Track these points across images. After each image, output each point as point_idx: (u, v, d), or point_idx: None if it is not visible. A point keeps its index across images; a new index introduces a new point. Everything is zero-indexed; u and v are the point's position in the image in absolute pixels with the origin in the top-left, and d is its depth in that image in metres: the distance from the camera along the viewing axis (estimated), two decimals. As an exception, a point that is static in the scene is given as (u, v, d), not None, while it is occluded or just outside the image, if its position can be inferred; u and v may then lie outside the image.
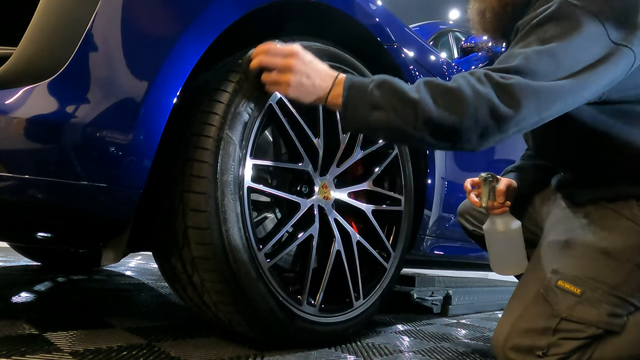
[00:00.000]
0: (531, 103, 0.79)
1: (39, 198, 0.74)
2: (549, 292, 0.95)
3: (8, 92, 0.70)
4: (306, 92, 0.90)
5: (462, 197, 1.81)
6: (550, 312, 0.94)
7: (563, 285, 0.94)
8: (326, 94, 0.89)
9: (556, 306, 0.93)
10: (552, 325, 0.92)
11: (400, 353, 1.13)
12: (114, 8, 0.77)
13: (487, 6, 1.06)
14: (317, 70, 0.90)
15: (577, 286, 0.93)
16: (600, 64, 0.82)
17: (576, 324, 0.91)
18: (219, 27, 0.91)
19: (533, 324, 0.95)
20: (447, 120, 0.79)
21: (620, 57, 0.83)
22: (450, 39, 2.66)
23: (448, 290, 2.00)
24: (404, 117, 0.81)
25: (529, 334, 0.94)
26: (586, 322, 0.91)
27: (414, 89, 0.83)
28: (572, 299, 0.92)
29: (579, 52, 0.82)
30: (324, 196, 1.17)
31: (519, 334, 0.95)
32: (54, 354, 0.82)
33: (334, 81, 0.89)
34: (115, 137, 0.77)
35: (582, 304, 0.92)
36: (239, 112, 0.95)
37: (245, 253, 0.93)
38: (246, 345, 1.02)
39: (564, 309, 0.92)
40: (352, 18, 1.25)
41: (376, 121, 0.84)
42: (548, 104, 0.81)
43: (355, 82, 0.88)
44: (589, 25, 0.82)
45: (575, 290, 0.92)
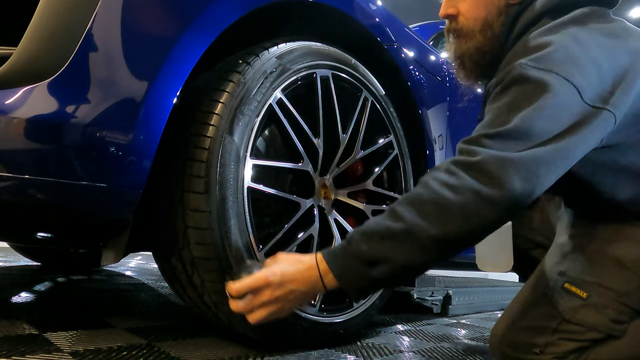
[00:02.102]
0: (514, 175, 0.73)
1: (39, 198, 0.74)
2: (554, 293, 0.94)
3: (8, 92, 0.70)
4: (302, 300, 0.84)
5: (462, 197, 1.80)
6: (552, 312, 0.93)
7: (569, 288, 0.92)
8: (321, 288, 0.81)
9: (559, 307, 0.92)
10: (552, 325, 0.92)
11: (400, 353, 1.12)
12: (114, 8, 0.77)
13: (464, 53, 1.01)
14: (295, 280, 0.80)
15: (584, 290, 0.91)
16: (578, 128, 0.77)
17: (577, 326, 0.90)
18: (219, 27, 0.91)
19: (533, 322, 0.94)
20: (451, 231, 0.73)
21: (599, 121, 0.78)
22: (450, 39, 2.66)
23: (448, 290, 2.00)
24: (407, 254, 0.75)
25: (528, 332, 0.94)
26: (588, 326, 0.90)
27: (392, 218, 0.77)
28: (577, 301, 0.91)
29: (553, 117, 0.77)
30: (324, 196, 1.17)
31: (517, 331, 0.95)
32: (54, 354, 0.82)
33: (318, 272, 0.80)
34: (115, 137, 0.77)
35: (587, 308, 0.90)
36: (238, 112, 0.95)
37: (245, 253, 0.93)
38: (246, 345, 1.02)
39: (567, 311, 0.91)
40: (352, 18, 1.25)
41: (382, 275, 0.76)
42: (536, 172, 0.75)
43: (335, 254, 0.80)
44: (562, 89, 0.77)
45: (582, 294, 0.91)
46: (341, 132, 1.20)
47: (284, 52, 1.07)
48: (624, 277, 0.90)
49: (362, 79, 1.28)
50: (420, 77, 1.54)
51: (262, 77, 1.00)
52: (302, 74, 1.10)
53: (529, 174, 0.74)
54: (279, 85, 1.04)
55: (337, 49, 1.23)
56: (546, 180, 0.77)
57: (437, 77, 1.71)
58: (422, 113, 1.53)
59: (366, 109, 1.29)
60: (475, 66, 1.01)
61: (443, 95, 1.72)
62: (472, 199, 0.73)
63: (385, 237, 0.76)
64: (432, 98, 1.62)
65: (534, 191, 0.76)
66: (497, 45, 0.98)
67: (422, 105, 1.52)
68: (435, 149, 1.59)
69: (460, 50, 1.02)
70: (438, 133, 1.63)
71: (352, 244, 0.78)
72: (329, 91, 1.17)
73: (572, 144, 0.77)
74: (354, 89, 1.27)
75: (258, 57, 1.02)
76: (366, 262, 0.77)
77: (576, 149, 0.79)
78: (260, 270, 0.81)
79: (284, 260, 0.83)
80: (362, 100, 1.27)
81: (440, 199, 0.75)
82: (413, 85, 1.47)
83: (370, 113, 1.30)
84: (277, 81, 1.04)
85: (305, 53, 1.12)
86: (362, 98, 1.28)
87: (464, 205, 0.73)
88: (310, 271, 0.81)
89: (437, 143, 1.61)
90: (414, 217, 0.75)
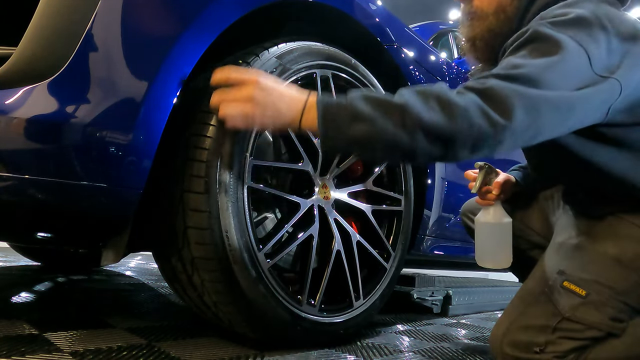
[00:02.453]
0: (519, 104, 0.75)
1: (39, 198, 0.74)
2: (553, 291, 0.95)
3: (8, 92, 0.70)
4: (274, 121, 0.82)
5: (462, 197, 1.80)
6: (552, 311, 0.93)
7: (568, 286, 0.93)
8: (298, 117, 0.81)
9: (559, 306, 0.93)
10: (552, 324, 0.92)
11: (400, 353, 1.12)
12: (114, 8, 0.77)
13: (477, 34, 1.04)
14: (282, 96, 0.82)
15: (583, 288, 0.92)
16: (584, 89, 0.80)
17: (577, 324, 0.91)
18: (219, 27, 0.91)
19: (533, 321, 0.94)
20: (440, 122, 0.74)
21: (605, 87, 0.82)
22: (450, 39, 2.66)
23: (448, 290, 2.00)
24: (392, 124, 0.75)
25: (528, 331, 0.94)
26: (587, 324, 0.90)
27: (396, 96, 0.78)
28: (576, 299, 0.92)
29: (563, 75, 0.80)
30: (324, 196, 1.17)
31: (517, 330, 0.95)
32: (54, 354, 0.82)
33: (304, 104, 0.81)
34: (115, 137, 0.77)
35: (586, 306, 0.91)
36: (239, 112, 0.95)
37: (245, 253, 0.93)
38: (246, 345, 1.02)
39: (567, 309, 0.92)
40: (352, 18, 1.25)
41: (360, 134, 0.76)
42: (540, 109, 0.77)
43: (329, 99, 0.81)
44: (575, 52, 0.80)
45: (581, 292, 0.92)
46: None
47: (284, 52, 1.07)
48: (623, 275, 0.91)
49: (362, 79, 1.28)
50: (420, 77, 1.54)
51: (262, 77, 1.00)
52: (302, 74, 1.10)
53: (533, 109, 0.76)
54: (279, 85, 1.04)
55: (337, 49, 1.23)
56: (546, 122, 0.79)
57: (437, 77, 1.71)
58: (422, 113, 1.53)
59: (366, 109, 1.28)
60: (485, 47, 1.04)
61: (443, 95, 1.71)
62: (475, 110, 0.75)
63: (381, 104, 0.77)
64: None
65: (532, 127, 0.78)
66: (509, 28, 1.00)
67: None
68: (435, 149, 1.59)
69: (473, 32, 1.04)
70: (438, 133, 1.62)
71: (349, 98, 0.79)
72: (329, 91, 1.17)
73: (577, 99, 0.80)
74: (354, 89, 1.27)
75: (258, 57, 1.02)
76: (351, 116, 0.76)
77: (581, 105, 0.82)
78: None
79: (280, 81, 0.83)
80: (362, 100, 1.27)
81: (447, 99, 0.75)
82: (413, 85, 1.47)
83: (370, 113, 1.30)
84: (277, 81, 1.04)
85: (305, 53, 1.12)
86: (362, 98, 1.27)
87: (466, 111, 0.74)
88: (299, 98, 0.81)
89: (437, 143, 1.61)
90: (415, 100, 0.76)
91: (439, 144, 0.76)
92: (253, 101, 0.80)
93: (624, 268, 0.92)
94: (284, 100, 0.82)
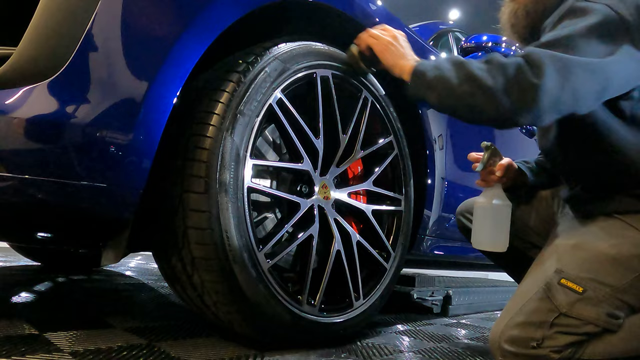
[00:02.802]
0: (551, 65, 0.84)
1: (39, 198, 0.74)
2: (550, 289, 0.96)
3: (8, 92, 0.70)
4: (386, 60, 1.10)
5: (462, 197, 1.80)
6: (549, 307, 0.95)
7: (566, 283, 0.95)
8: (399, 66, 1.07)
9: (556, 302, 0.94)
10: (549, 319, 0.93)
11: (400, 353, 1.13)
12: (114, 8, 0.77)
13: (520, 6, 1.13)
14: (403, 50, 1.10)
15: (580, 285, 0.94)
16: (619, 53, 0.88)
17: (574, 320, 0.92)
18: (219, 27, 0.91)
19: (531, 317, 0.96)
20: (484, 73, 0.88)
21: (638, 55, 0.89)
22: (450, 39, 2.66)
23: (448, 290, 2.00)
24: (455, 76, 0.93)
25: (526, 327, 0.95)
26: (584, 319, 0.92)
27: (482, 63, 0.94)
28: (573, 296, 0.94)
29: (600, 39, 0.87)
30: (324, 196, 1.17)
31: (515, 326, 0.96)
32: (54, 354, 0.82)
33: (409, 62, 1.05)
34: (115, 137, 0.77)
35: (583, 302, 0.93)
36: (238, 112, 0.95)
37: (245, 253, 0.93)
38: (246, 345, 1.02)
39: (563, 305, 0.93)
40: (352, 18, 1.25)
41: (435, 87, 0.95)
42: (571, 70, 0.85)
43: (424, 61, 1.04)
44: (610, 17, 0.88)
45: (578, 289, 0.94)
46: (341, 132, 1.20)
47: (284, 52, 1.07)
48: (619, 274, 0.93)
49: (362, 79, 1.28)
50: (420, 77, 1.54)
51: (262, 77, 1.00)
52: (302, 73, 1.10)
53: (565, 69, 0.85)
54: (279, 85, 1.04)
55: (337, 49, 1.23)
56: (580, 84, 0.86)
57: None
58: (422, 113, 1.53)
59: (366, 109, 1.29)
60: (527, 16, 1.12)
61: (443, 95, 1.71)
62: (513, 67, 0.86)
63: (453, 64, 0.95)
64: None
65: (566, 88, 0.85)
66: (551, 3, 1.07)
67: (422, 106, 1.52)
68: (435, 149, 1.59)
69: (517, 5, 1.15)
70: (438, 133, 1.63)
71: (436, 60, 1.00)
72: (329, 91, 1.17)
73: (612, 64, 0.87)
74: (354, 89, 1.27)
75: (258, 57, 1.02)
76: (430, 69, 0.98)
77: (615, 70, 0.88)
78: None
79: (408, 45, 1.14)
80: (362, 101, 1.27)
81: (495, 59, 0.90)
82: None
83: (370, 113, 1.30)
84: (277, 81, 1.04)
85: (305, 53, 1.12)
86: (362, 98, 1.28)
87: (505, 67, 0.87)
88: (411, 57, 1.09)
89: (437, 143, 1.61)
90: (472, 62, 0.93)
91: (486, 95, 0.88)
92: (381, 40, 1.12)
93: (620, 267, 0.94)
94: (400, 52, 1.10)
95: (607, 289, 0.93)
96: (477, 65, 0.91)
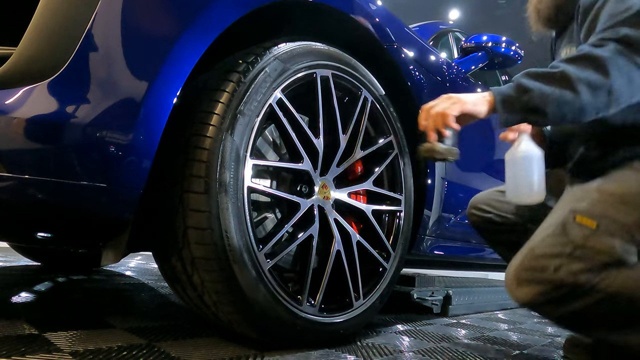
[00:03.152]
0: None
1: (39, 198, 0.74)
2: (566, 226, 1.01)
3: (8, 92, 0.70)
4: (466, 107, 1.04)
5: (462, 197, 1.81)
6: (565, 241, 1.00)
7: (580, 221, 1.01)
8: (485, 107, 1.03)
9: (571, 237, 0.99)
10: (566, 251, 0.98)
11: (400, 353, 1.13)
12: (114, 8, 0.77)
13: None
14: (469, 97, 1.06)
15: (594, 221, 1.00)
16: None
17: (589, 251, 0.97)
18: (219, 28, 0.91)
19: (548, 250, 1.00)
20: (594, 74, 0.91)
21: None
22: (450, 39, 2.66)
23: (448, 290, 2.00)
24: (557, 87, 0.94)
25: (543, 258, 1.00)
26: (598, 251, 0.96)
27: (549, 68, 0.97)
28: (587, 230, 0.99)
29: None
30: (324, 196, 1.17)
31: (532, 258, 1.01)
32: (54, 354, 0.82)
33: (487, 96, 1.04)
34: (115, 137, 0.77)
35: (597, 235, 0.98)
36: (238, 112, 0.95)
37: (245, 253, 0.93)
38: (246, 345, 1.02)
39: (578, 239, 0.98)
40: (352, 18, 1.25)
41: (531, 102, 0.96)
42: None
43: (500, 87, 1.03)
44: None
45: (592, 225, 0.99)
46: (341, 132, 1.20)
47: (284, 52, 1.07)
48: (628, 212, 1.00)
49: (362, 78, 1.28)
50: (420, 77, 1.54)
51: (262, 77, 1.00)
52: (302, 73, 1.10)
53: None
54: (279, 85, 1.04)
55: (337, 49, 1.23)
56: None
57: (437, 77, 1.71)
58: (422, 113, 1.52)
59: (366, 109, 1.29)
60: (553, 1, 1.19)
61: (443, 95, 1.71)
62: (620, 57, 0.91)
63: (540, 75, 0.96)
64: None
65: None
66: None
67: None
68: (435, 149, 1.59)
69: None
70: (438, 133, 1.62)
71: (514, 80, 1.00)
72: (329, 91, 1.17)
73: None
74: (354, 88, 1.27)
75: (258, 57, 1.02)
76: (519, 92, 0.97)
77: None
78: None
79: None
80: (362, 100, 1.27)
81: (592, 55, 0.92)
82: (413, 85, 1.47)
83: (370, 113, 1.30)
84: (277, 81, 1.04)
85: (305, 53, 1.12)
86: (362, 98, 1.28)
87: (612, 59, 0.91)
88: (482, 95, 1.05)
89: (437, 143, 1.61)
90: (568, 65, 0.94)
91: (600, 93, 0.92)
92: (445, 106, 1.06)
93: (627, 205, 1.00)
94: (468, 99, 1.05)
95: (618, 225, 0.98)
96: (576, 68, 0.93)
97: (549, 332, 1.75)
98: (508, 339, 1.50)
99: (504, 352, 1.27)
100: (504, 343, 1.41)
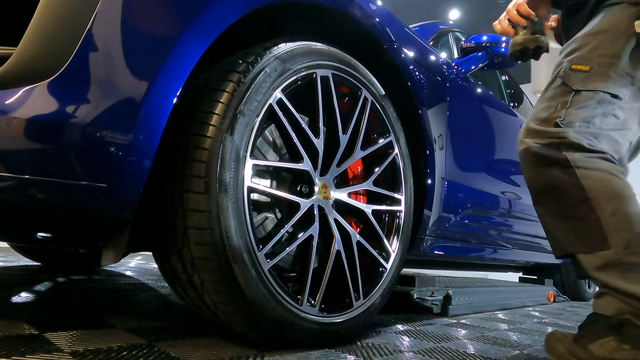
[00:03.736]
0: None
1: (39, 198, 0.74)
2: (565, 76, 1.11)
3: (8, 92, 0.70)
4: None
5: (462, 197, 1.81)
6: (566, 89, 1.09)
7: (576, 67, 1.10)
8: None
9: (570, 84, 1.09)
10: (568, 99, 1.08)
11: (400, 353, 1.12)
12: (114, 8, 0.77)
13: None
14: None
15: (586, 64, 1.08)
16: None
17: (588, 92, 1.06)
18: (219, 28, 0.91)
19: (553, 101, 1.10)
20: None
21: None
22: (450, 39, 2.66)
23: (448, 290, 2.00)
24: None
25: (549, 109, 1.10)
26: (596, 89, 1.06)
27: None
28: (583, 75, 1.08)
29: None
30: (324, 196, 1.17)
31: (541, 110, 1.11)
32: (54, 354, 0.82)
33: None
34: (115, 137, 0.77)
35: (592, 76, 1.07)
36: (238, 112, 0.95)
37: (245, 253, 0.93)
38: (246, 345, 1.02)
39: (577, 83, 1.08)
40: (352, 18, 1.25)
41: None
42: None
43: None
44: None
45: (585, 68, 1.08)
46: (341, 132, 1.20)
47: (284, 52, 1.07)
48: (611, 41, 1.09)
49: (362, 78, 1.28)
50: (420, 77, 1.54)
51: (262, 77, 1.00)
52: (302, 73, 1.10)
53: None
54: (279, 85, 1.04)
55: (337, 49, 1.23)
56: None
57: (437, 77, 1.71)
58: (422, 113, 1.53)
59: (366, 109, 1.29)
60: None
61: (443, 95, 1.72)
62: None
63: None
64: (432, 98, 1.62)
65: None
66: None
67: (422, 105, 1.52)
68: (435, 149, 1.59)
69: None
70: (438, 133, 1.63)
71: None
72: (329, 91, 1.17)
73: None
74: (354, 88, 1.27)
75: (258, 57, 1.02)
76: None
77: None
78: None
79: None
80: (362, 100, 1.27)
81: None
82: (413, 85, 1.47)
83: (370, 113, 1.30)
84: (277, 81, 1.04)
85: (305, 53, 1.12)
86: (362, 98, 1.28)
87: None
88: None
89: (437, 143, 1.61)
90: None
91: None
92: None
93: (609, 34, 1.09)
94: None
95: (606, 59, 1.07)
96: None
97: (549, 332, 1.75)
98: (508, 339, 1.50)
99: (504, 352, 1.27)
100: (504, 343, 1.41)
